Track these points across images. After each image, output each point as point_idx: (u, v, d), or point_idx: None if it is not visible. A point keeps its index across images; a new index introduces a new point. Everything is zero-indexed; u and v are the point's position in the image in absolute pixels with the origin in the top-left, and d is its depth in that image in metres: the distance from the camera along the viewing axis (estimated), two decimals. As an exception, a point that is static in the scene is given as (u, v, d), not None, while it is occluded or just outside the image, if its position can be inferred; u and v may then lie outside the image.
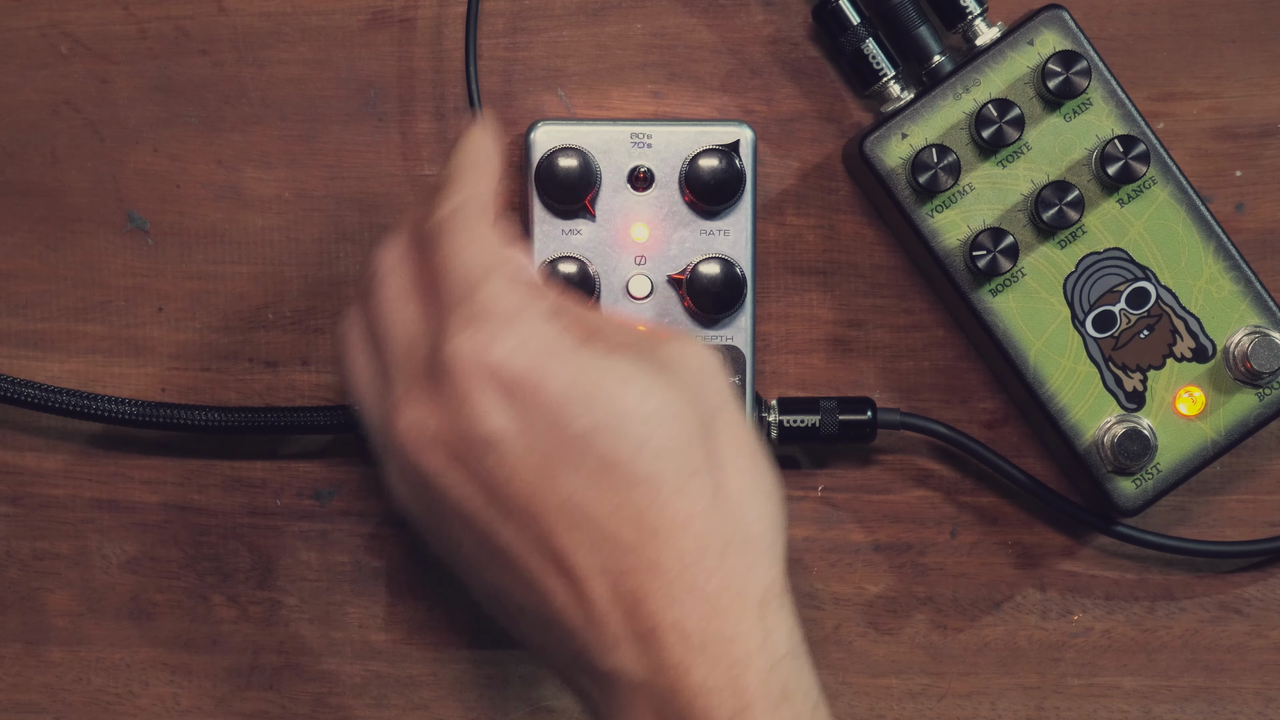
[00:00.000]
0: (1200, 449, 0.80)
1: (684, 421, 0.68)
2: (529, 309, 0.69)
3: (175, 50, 0.82)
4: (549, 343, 0.68)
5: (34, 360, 0.83)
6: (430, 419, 0.68)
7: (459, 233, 0.70)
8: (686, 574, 0.67)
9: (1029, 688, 0.84)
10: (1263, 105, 0.83)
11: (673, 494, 0.67)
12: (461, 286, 0.69)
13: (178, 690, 0.84)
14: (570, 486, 0.67)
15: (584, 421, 0.67)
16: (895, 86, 0.80)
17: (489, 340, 0.68)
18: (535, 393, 0.67)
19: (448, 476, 0.68)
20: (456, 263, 0.70)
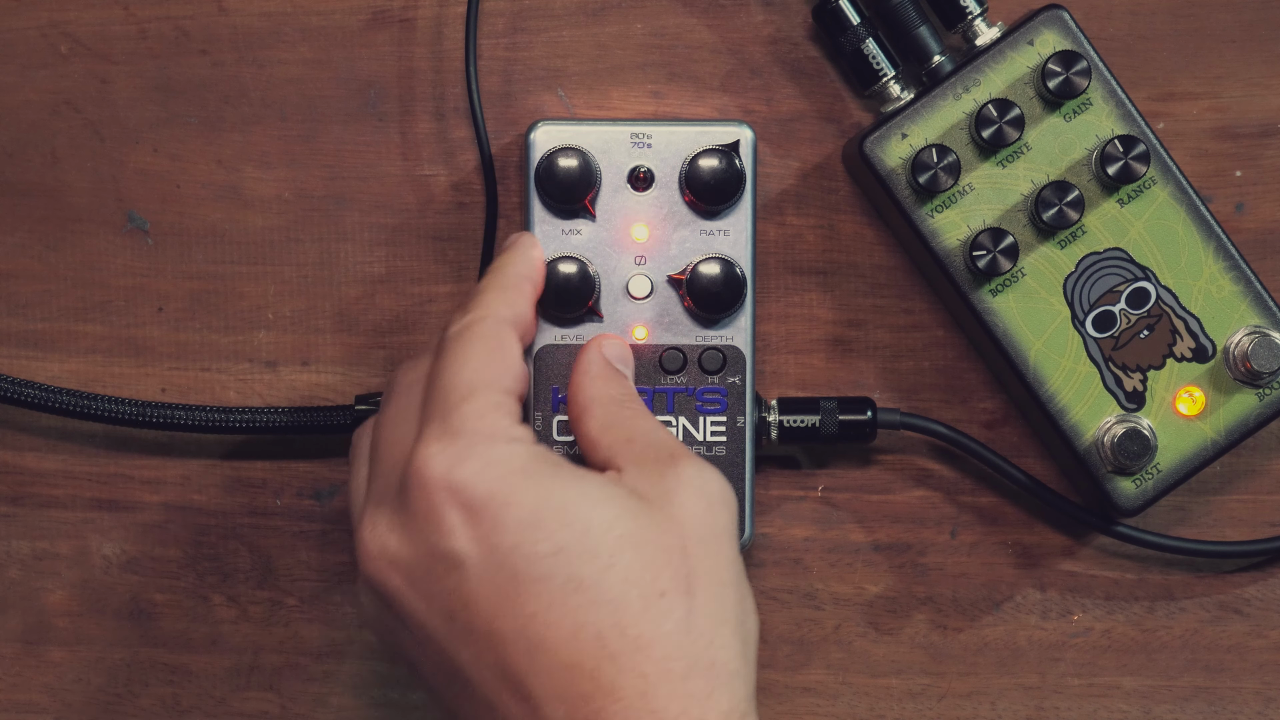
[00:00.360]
0: (1200, 449, 0.80)
1: (656, 545, 0.67)
2: (505, 432, 0.69)
3: (175, 50, 0.82)
4: (519, 465, 0.68)
5: (34, 360, 0.83)
6: (392, 537, 0.68)
7: (459, 349, 0.71)
8: (645, 699, 0.66)
9: (1029, 688, 0.84)
10: (1263, 105, 0.83)
11: (636, 616, 0.66)
12: (444, 402, 0.69)
13: (178, 690, 0.84)
14: (530, 610, 0.66)
15: (549, 544, 0.67)
16: (895, 86, 0.80)
17: (457, 458, 0.68)
18: (499, 515, 0.67)
19: (407, 597, 0.68)
20: (445, 378, 0.70)
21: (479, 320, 0.72)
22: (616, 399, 0.73)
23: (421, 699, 0.84)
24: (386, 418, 0.72)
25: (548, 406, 0.80)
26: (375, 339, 0.83)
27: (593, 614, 0.66)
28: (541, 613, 0.66)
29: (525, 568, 0.66)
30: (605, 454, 0.71)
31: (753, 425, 0.80)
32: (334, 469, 0.84)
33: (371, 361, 0.83)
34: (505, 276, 0.74)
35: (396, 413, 0.71)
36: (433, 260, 0.83)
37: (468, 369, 0.70)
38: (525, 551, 0.66)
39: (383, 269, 0.83)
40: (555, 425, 0.80)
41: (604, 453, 0.71)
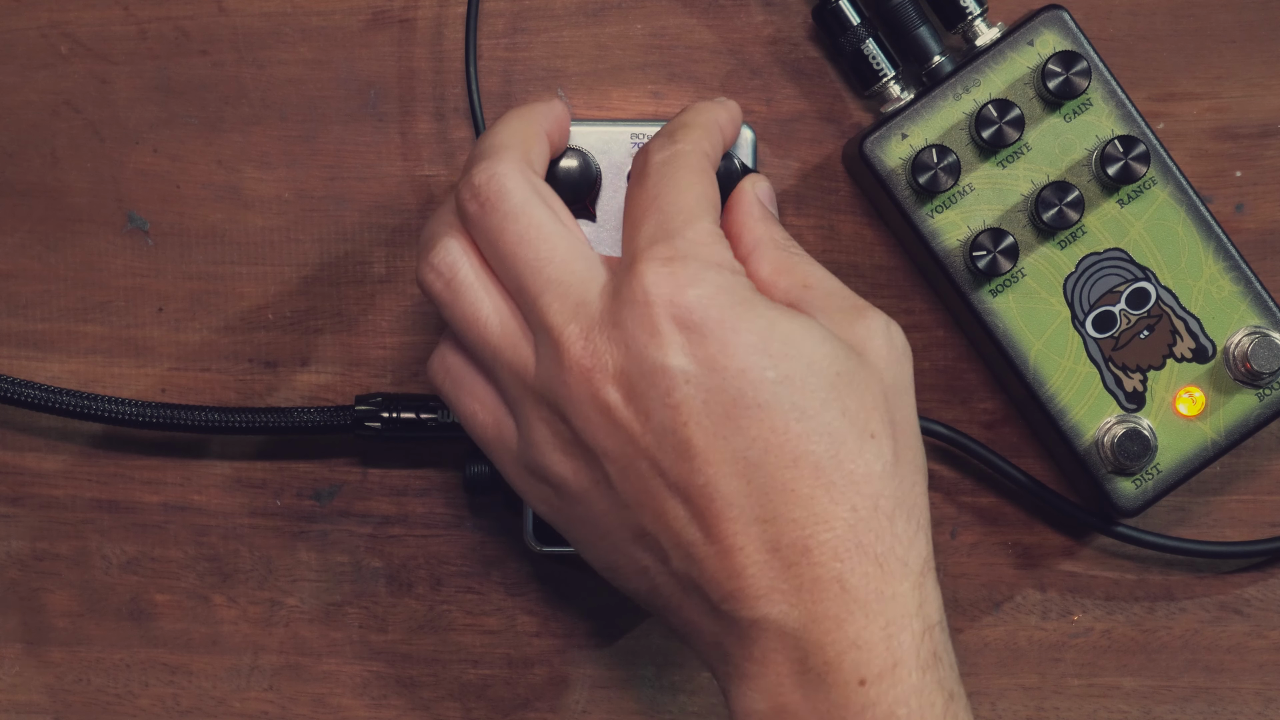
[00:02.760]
0: (1200, 449, 0.80)
1: (868, 388, 0.69)
2: (729, 261, 0.69)
3: (175, 50, 0.82)
4: (745, 294, 0.69)
5: (34, 360, 0.83)
6: (611, 352, 0.68)
7: (676, 175, 0.71)
8: (855, 531, 0.67)
9: (1029, 688, 0.84)
10: (1263, 105, 0.83)
11: (853, 453, 0.68)
12: (666, 225, 0.69)
13: (178, 690, 0.84)
14: (753, 433, 0.67)
15: (776, 371, 0.68)
16: (895, 87, 0.80)
17: (687, 281, 0.68)
18: (727, 339, 0.68)
19: (622, 412, 0.68)
20: (666, 201, 0.70)
21: (689, 152, 0.72)
22: (780, 242, 0.73)
23: (421, 699, 0.84)
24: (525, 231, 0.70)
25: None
26: (375, 339, 0.83)
27: (813, 443, 0.67)
28: (763, 436, 0.67)
29: (751, 392, 0.67)
30: (784, 297, 0.72)
31: None
32: (334, 469, 0.84)
33: (371, 361, 0.83)
34: (705, 115, 0.74)
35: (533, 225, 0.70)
36: (433, 260, 0.83)
37: (689, 195, 0.70)
38: (753, 376, 0.67)
39: (383, 269, 0.83)
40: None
41: (781, 295, 0.72)
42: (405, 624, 0.84)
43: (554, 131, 0.75)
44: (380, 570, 0.84)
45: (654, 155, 0.72)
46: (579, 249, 0.70)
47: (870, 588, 0.67)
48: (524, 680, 0.84)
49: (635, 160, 0.73)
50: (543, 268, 0.70)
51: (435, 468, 0.84)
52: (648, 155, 0.72)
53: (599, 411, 0.69)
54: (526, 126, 0.73)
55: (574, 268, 0.70)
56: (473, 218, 0.71)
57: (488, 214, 0.71)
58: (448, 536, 0.84)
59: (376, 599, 0.84)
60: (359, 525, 0.84)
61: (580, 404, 0.69)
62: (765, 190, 0.75)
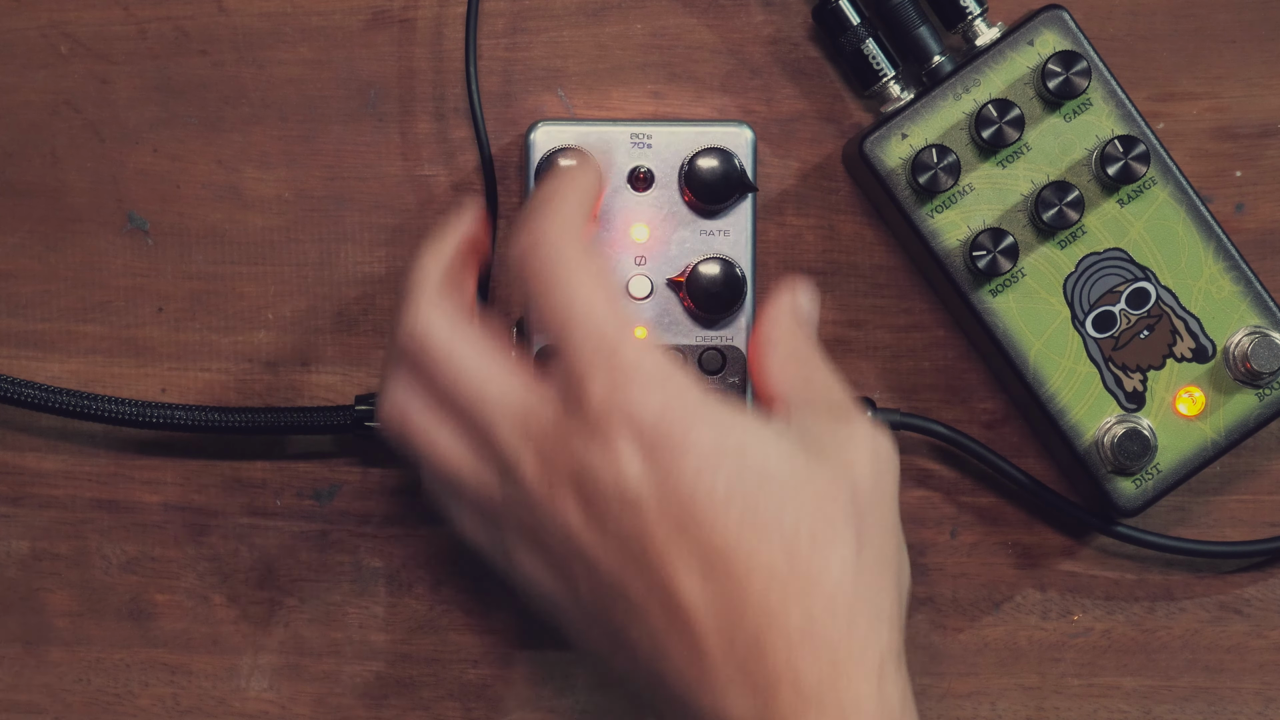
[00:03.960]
0: (1200, 449, 0.80)
1: (830, 490, 0.69)
2: (673, 369, 0.70)
3: (175, 50, 0.82)
4: (694, 401, 0.69)
5: (34, 360, 0.83)
6: (566, 473, 0.69)
7: (573, 275, 0.71)
8: (811, 629, 0.68)
9: (1029, 688, 0.84)
10: (1263, 105, 0.83)
11: (807, 553, 0.68)
12: (598, 341, 0.70)
13: (178, 690, 0.84)
14: (708, 540, 0.68)
15: (728, 480, 0.68)
16: (895, 87, 0.80)
17: (637, 394, 0.69)
18: (682, 451, 0.68)
19: (582, 530, 0.69)
20: (584, 314, 0.70)
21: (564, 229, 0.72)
22: (801, 343, 0.74)
23: (421, 699, 0.84)
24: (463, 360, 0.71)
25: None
26: (375, 339, 0.83)
27: (766, 545, 0.68)
28: (717, 544, 0.68)
29: (704, 501, 0.68)
30: (779, 388, 0.73)
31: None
32: (334, 469, 0.84)
33: (371, 361, 0.83)
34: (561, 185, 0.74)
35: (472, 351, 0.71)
36: (433, 260, 0.83)
37: (602, 302, 0.70)
38: (705, 486, 0.68)
39: (383, 269, 0.83)
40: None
41: (781, 387, 0.73)
42: (405, 624, 0.84)
43: (473, 241, 0.75)
44: (380, 570, 0.84)
45: (535, 251, 0.71)
46: (513, 374, 0.71)
47: (826, 685, 0.67)
48: (524, 680, 0.84)
49: (514, 255, 0.72)
50: (485, 401, 0.71)
51: (435, 468, 0.84)
52: (522, 255, 0.71)
53: (561, 530, 0.70)
54: (439, 259, 0.74)
55: (515, 395, 0.71)
56: (409, 363, 0.73)
57: (420, 360, 0.72)
58: (448, 536, 0.84)
59: (376, 599, 0.84)
60: (359, 525, 0.84)
61: (544, 524, 0.70)
62: (808, 301, 0.76)
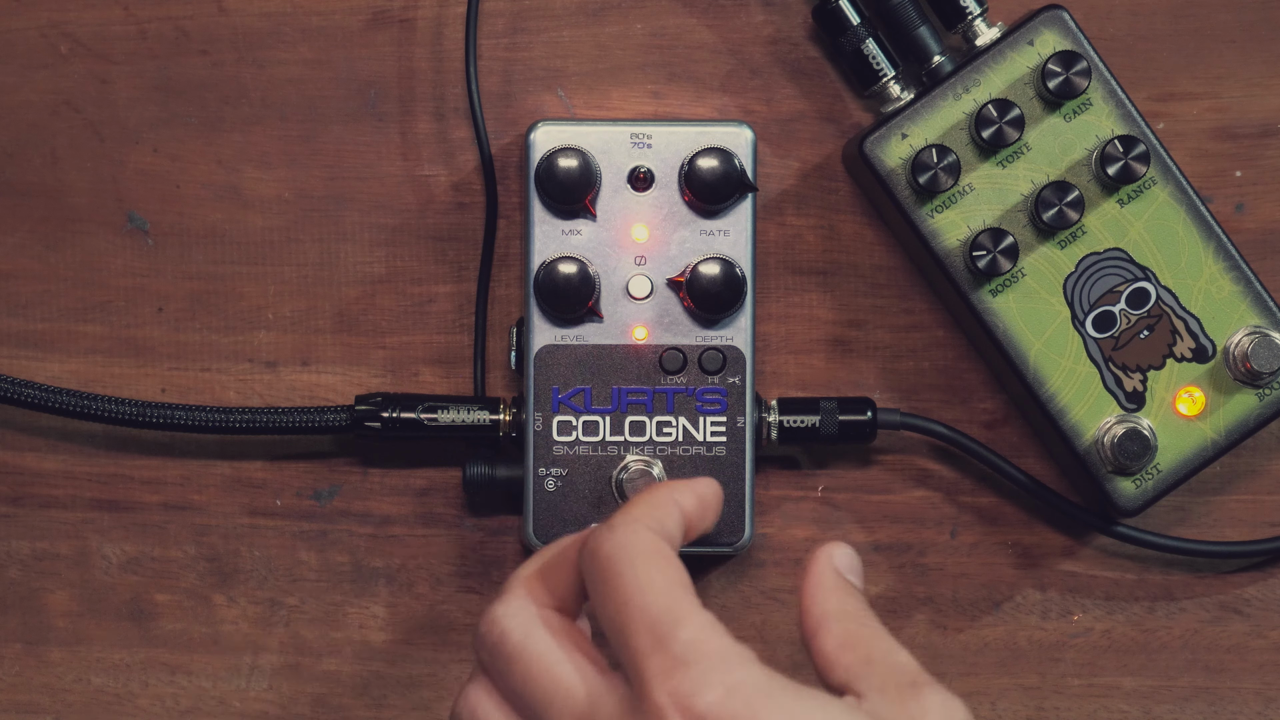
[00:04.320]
0: (1200, 449, 0.80)
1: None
2: (735, 652, 0.66)
3: (175, 50, 0.82)
4: (762, 687, 0.66)
5: (34, 360, 0.83)
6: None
7: (639, 567, 0.68)
8: None
9: (1029, 688, 0.84)
10: (1263, 105, 0.83)
11: None
12: (653, 630, 0.66)
13: (178, 690, 0.84)
14: None
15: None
16: (895, 86, 0.80)
17: (697, 689, 0.65)
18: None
19: None
20: (641, 605, 0.67)
21: (637, 539, 0.68)
22: (853, 614, 0.71)
23: (421, 699, 0.84)
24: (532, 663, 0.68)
25: (548, 407, 0.80)
26: (375, 339, 0.83)
27: None
28: None
29: None
30: (844, 675, 0.69)
31: (753, 425, 0.80)
32: (334, 469, 0.84)
33: (371, 361, 0.83)
34: (656, 495, 0.71)
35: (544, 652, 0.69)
36: (433, 260, 0.83)
37: (661, 587, 0.67)
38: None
39: (383, 269, 0.83)
40: (555, 425, 0.80)
41: (842, 674, 0.69)
42: (405, 624, 0.84)
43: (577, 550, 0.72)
44: (380, 570, 0.84)
45: (604, 546, 0.68)
46: (583, 675, 0.68)
47: None
48: (524, 680, 0.84)
49: (585, 552, 0.69)
50: (552, 703, 0.68)
51: (435, 468, 0.84)
52: (597, 547, 0.69)
53: None
54: (540, 557, 0.72)
55: (580, 695, 0.67)
56: (484, 664, 0.70)
57: (494, 658, 0.70)
58: (448, 536, 0.84)
59: (376, 599, 0.84)
60: (359, 525, 0.84)
61: None
62: (846, 559, 0.72)
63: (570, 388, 0.80)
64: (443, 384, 0.83)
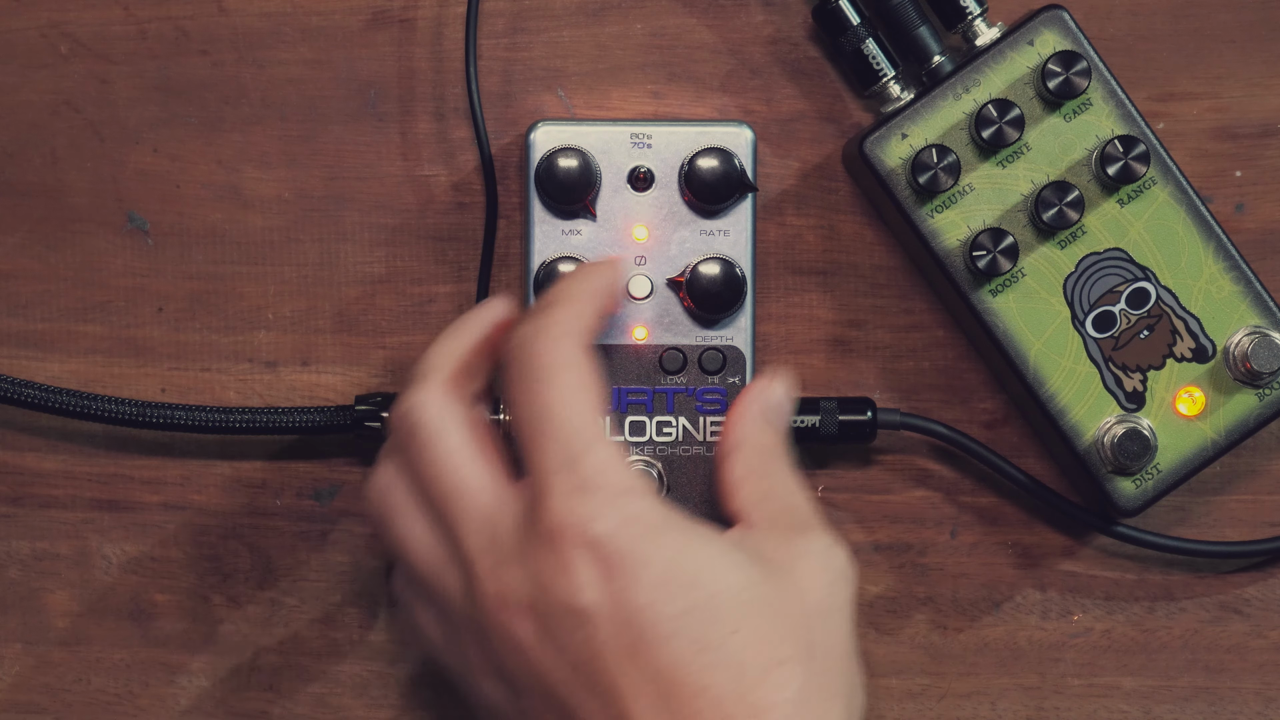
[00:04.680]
0: (1200, 449, 0.80)
1: (782, 612, 0.69)
2: (635, 484, 0.69)
3: (175, 50, 0.82)
4: (655, 521, 0.68)
5: (34, 360, 0.83)
6: (522, 586, 0.68)
7: (560, 377, 0.70)
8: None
9: (1029, 688, 0.84)
10: (1263, 105, 0.83)
11: (756, 682, 0.67)
12: (564, 450, 0.69)
13: (178, 690, 0.84)
14: (657, 666, 0.67)
15: (679, 605, 0.67)
16: (895, 86, 0.80)
17: (595, 513, 0.68)
18: (635, 572, 0.67)
19: (534, 647, 0.68)
20: (557, 422, 0.69)
21: (561, 345, 0.71)
22: (766, 449, 0.74)
23: (421, 699, 0.84)
24: (442, 457, 0.71)
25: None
26: (375, 339, 0.83)
27: (716, 676, 0.67)
28: (668, 670, 0.67)
29: (655, 625, 0.67)
30: (740, 504, 0.72)
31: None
32: (334, 469, 0.84)
33: (371, 361, 0.83)
34: (574, 286, 0.73)
35: (456, 449, 0.70)
36: (433, 260, 0.83)
37: (578, 406, 0.70)
38: (657, 610, 0.67)
39: (383, 269, 0.83)
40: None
41: (739, 502, 0.72)
42: (405, 624, 0.84)
43: (497, 333, 0.74)
44: (380, 570, 0.84)
45: (525, 352, 0.70)
46: (490, 478, 0.70)
47: None
48: (524, 680, 0.84)
49: (509, 347, 0.71)
50: (457, 498, 0.70)
51: (435, 468, 0.84)
52: (519, 353, 0.71)
53: (513, 645, 0.69)
54: (456, 344, 0.73)
55: (485, 498, 0.70)
56: (399, 445, 0.72)
57: (408, 443, 0.72)
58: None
59: (376, 599, 0.84)
60: (359, 525, 0.84)
61: (497, 637, 0.69)
62: (777, 396, 0.75)
63: None
64: (443, 384, 0.83)
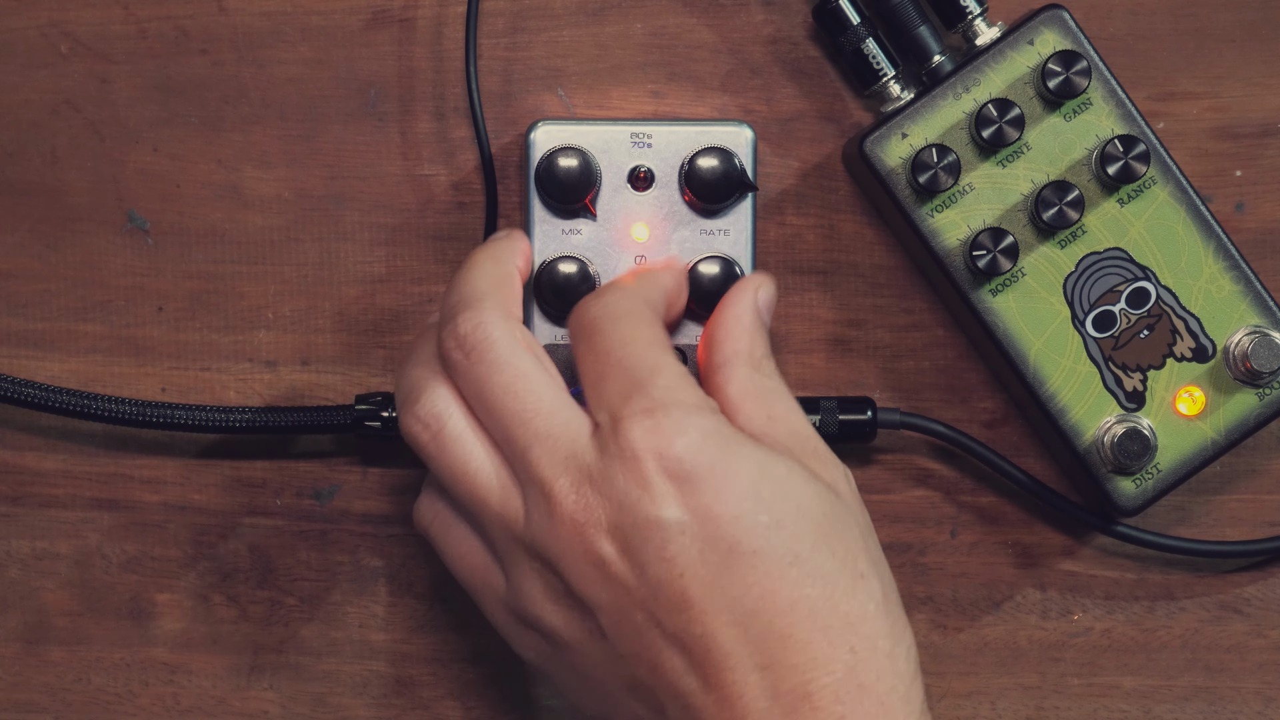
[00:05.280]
0: (1200, 449, 0.80)
1: (850, 529, 0.69)
2: (705, 402, 0.69)
3: (175, 50, 0.82)
4: (730, 436, 0.69)
5: (34, 360, 0.83)
6: (602, 506, 0.68)
7: (624, 326, 0.71)
8: (855, 674, 0.67)
9: (1029, 688, 0.84)
10: (1263, 105, 0.83)
11: (846, 594, 0.68)
12: (634, 375, 0.69)
13: (178, 690, 0.84)
14: (748, 580, 0.67)
15: (766, 519, 0.67)
16: (895, 86, 0.80)
17: (673, 431, 0.68)
18: (717, 488, 0.67)
19: (616, 563, 0.68)
20: (625, 352, 0.70)
21: (629, 304, 0.72)
22: (758, 361, 0.73)
23: (421, 699, 0.84)
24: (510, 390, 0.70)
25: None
26: (375, 339, 0.83)
27: (808, 588, 0.67)
28: (759, 583, 0.67)
29: (746, 539, 0.67)
30: (747, 423, 0.71)
31: None
32: (334, 469, 0.84)
33: (371, 361, 0.83)
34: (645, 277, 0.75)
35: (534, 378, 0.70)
36: (433, 260, 0.83)
37: (642, 342, 0.70)
38: (746, 523, 0.67)
39: (383, 269, 0.83)
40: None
41: (744, 420, 0.71)
42: (405, 624, 0.84)
43: (523, 267, 0.75)
44: (380, 570, 0.84)
45: (590, 309, 0.72)
46: (563, 399, 0.70)
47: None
48: (523, 680, 0.84)
49: (572, 317, 0.73)
50: (530, 419, 0.70)
51: (435, 467, 0.84)
52: (584, 310, 0.72)
53: (593, 565, 0.68)
54: (500, 269, 0.73)
55: (560, 419, 0.70)
56: (458, 367, 0.71)
57: (474, 364, 0.71)
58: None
59: (376, 599, 0.84)
60: (359, 525, 0.84)
61: (573, 557, 0.69)
62: (766, 297, 0.75)
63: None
64: (443, 384, 0.83)
